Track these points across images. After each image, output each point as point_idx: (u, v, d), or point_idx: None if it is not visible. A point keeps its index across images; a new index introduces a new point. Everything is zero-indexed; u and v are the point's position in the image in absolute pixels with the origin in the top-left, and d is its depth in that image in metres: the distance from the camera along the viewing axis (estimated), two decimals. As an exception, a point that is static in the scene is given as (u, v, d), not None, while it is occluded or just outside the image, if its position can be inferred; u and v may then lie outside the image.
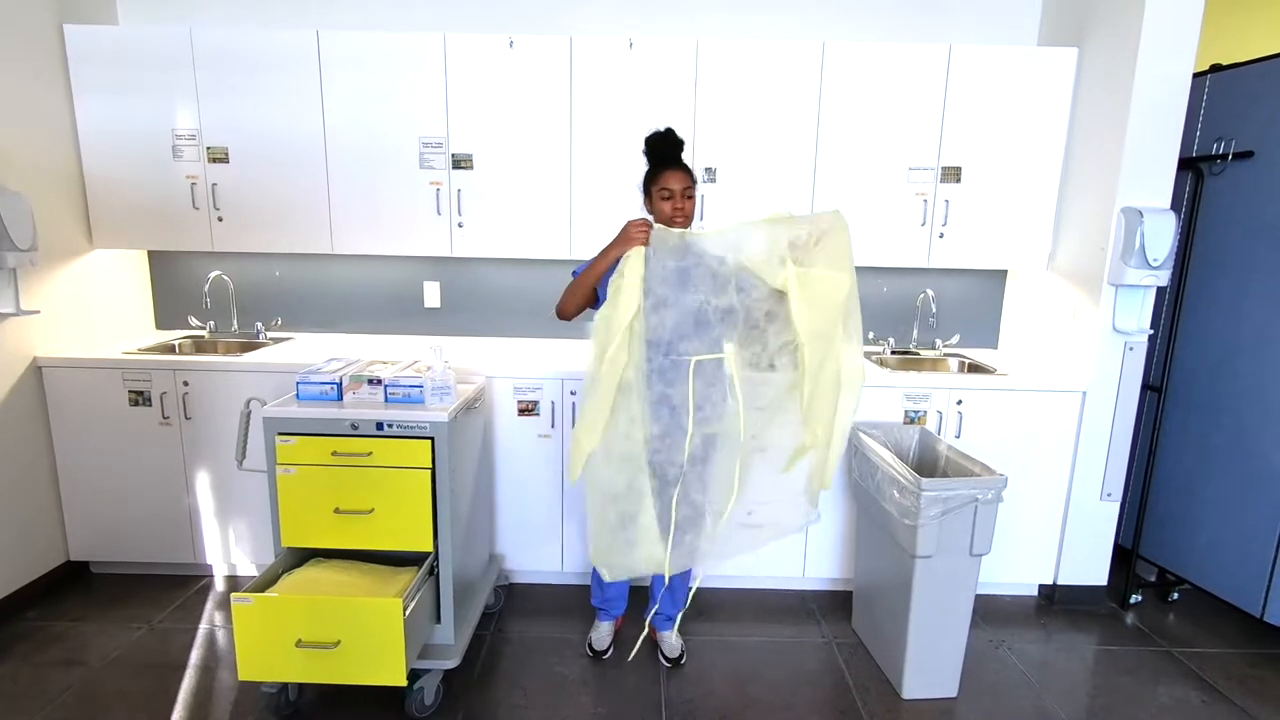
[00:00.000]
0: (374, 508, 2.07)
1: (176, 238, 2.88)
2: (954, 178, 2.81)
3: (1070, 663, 2.48)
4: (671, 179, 2.05)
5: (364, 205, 2.84)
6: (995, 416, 2.67)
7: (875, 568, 2.44)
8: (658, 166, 2.08)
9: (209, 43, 2.71)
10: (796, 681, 2.33)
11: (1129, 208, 2.51)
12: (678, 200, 2.04)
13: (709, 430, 2.00)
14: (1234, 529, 2.62)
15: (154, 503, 2.73)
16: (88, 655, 2.36)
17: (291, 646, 1.85)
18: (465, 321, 3.26)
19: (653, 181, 2.08)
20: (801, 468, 2.03)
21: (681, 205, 2.05)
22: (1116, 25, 2.54)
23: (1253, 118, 2.54)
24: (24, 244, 2.44)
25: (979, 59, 2.72)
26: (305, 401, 2.14)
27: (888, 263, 2.90)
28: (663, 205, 2.06)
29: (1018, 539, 2.74)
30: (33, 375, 2.62)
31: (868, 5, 3.03)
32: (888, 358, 3.10)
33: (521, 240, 2.87)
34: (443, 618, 2.17)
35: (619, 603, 2.47)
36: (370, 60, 2.73)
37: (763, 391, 2.00)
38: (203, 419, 2.68)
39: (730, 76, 2.74)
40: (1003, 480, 2.12)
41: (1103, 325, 2.62)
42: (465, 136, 2.78)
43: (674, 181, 2.04)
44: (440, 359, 2.17)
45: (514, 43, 2.71)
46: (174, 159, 2.80)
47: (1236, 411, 2.61)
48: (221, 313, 3.17)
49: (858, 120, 2.78)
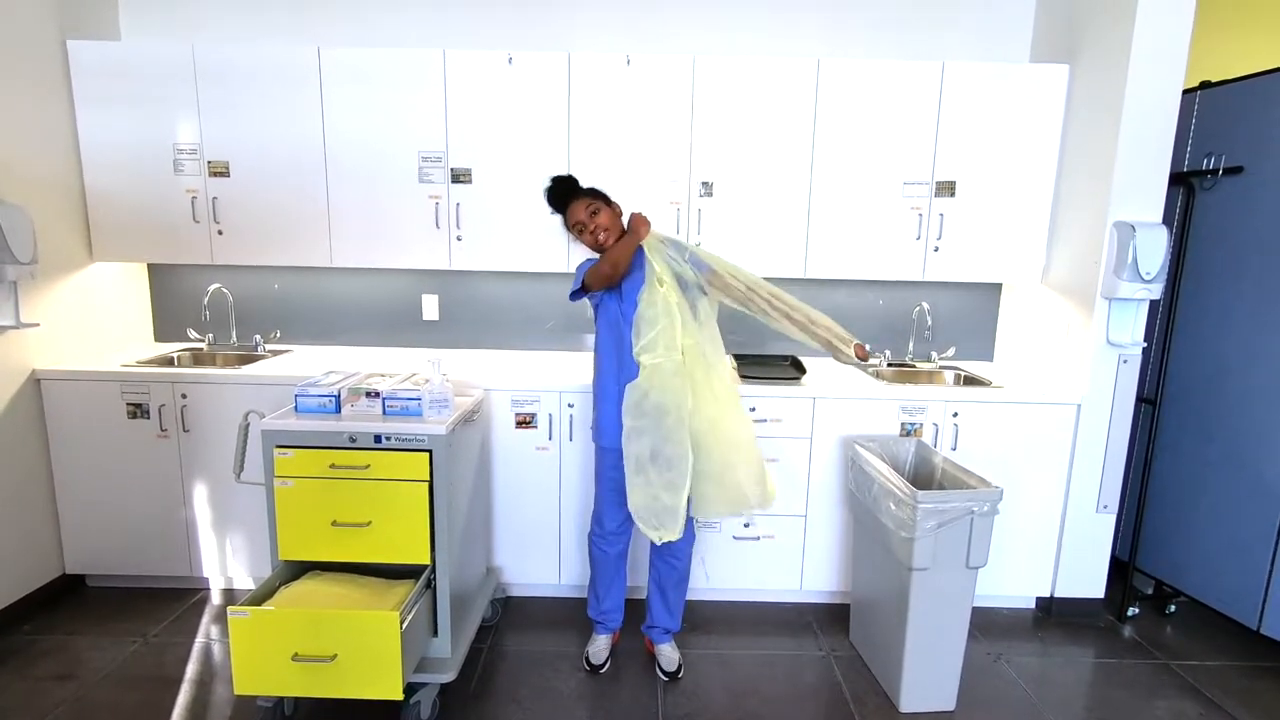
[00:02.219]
0: (371, 520, 2.07)
1: (176, 251, 2.89)
2: (948, 192, 2.84)
3: (1067, 675, 2.48)
4: (572, 211, 2.23)
5: (363, 219, 2.86)
6: (991, 429, 2.68)
7: (872, 580, 2.45)
8: (560, 211, 2.27)
9: (210, 58, 2.74)
10: (794, 695, 2.32)
11: (1121, 222, 2.54)
12: (589, 225, 2.21)
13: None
14: (1229, 541, 2.63)
15: (151, 515, 2.73)
16: (82, 669, 2.35)
17: (288, 660, 1.84)
18: (463, 334, 3.27)
19: (567, 225, 2.27)
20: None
21: (595, 227, 2.20)
22: (1107, 42, 2.58)
23: (1242, 133, 2.57)
24: (24, 257, 2.45)
25: (972, 76, 2.76)
26: (303, 414, 2.14)
27: (883, 276, 2.93)
28: (583, 238, 2.24)
29: (1014, 551, 2.74)
30: (31, 387, 2.62)
31: (862, 23, 3.07)
32: (884, 370, 3.11)
33: (519, 254, 2.89)
34: (440, 631, 2.17)
35: (615, 615, 2.46)
36: (370, 76, 2.76)
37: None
38: (201, 431, 2.68)
39: (727, 93, 2.77)
40: (999, 492, 2.13)
41: (1097, 338, 2.64)
42: (464, 151, 2.81)
43: (575, 212, 2.23)
44: (438, 372, 2.18)
45: (513, 59, 2.74)
46: (175, 173, 2.82)
47: (1228, 424, 2.63)
48: (220, 325, 3.18)
49: (852, 136, 2.81)
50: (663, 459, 2.10)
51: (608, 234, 2.20)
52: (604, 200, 2.25)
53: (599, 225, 2.20)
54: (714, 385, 2.19)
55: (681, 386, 2.12)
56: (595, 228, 2.20)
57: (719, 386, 2.21)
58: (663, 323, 2.11)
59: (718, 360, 2.24)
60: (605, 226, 2.20)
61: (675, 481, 2.10)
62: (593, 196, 2.25)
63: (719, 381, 2.21)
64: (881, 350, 3.22)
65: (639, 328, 2.13)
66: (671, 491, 2.10)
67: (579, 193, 2.27)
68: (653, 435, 2.11)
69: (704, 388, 2.17)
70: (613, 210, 2.25)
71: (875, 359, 3.16)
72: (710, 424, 2.16)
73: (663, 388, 2.10)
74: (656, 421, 2.10)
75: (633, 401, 2.12)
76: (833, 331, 2.29)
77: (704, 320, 2.23)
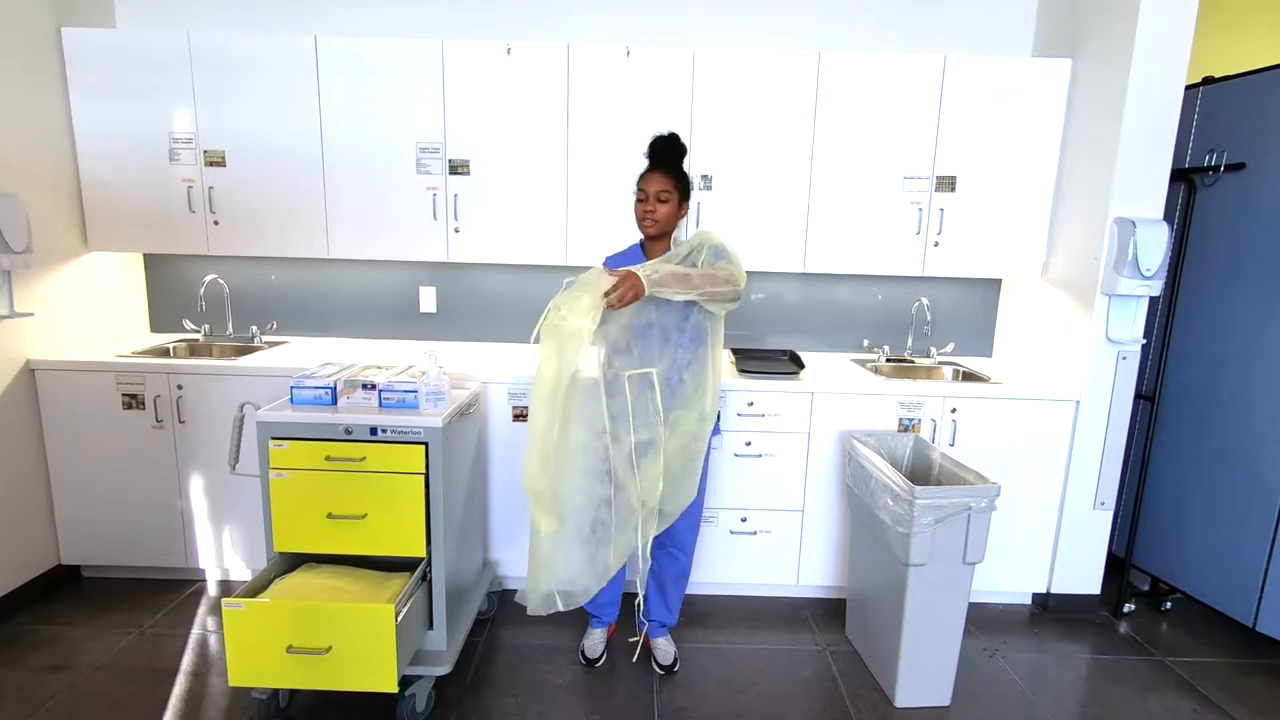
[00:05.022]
0: (367, 513, 2.06)
1: (172, 241, 2.87)
2: (949, 187, 2.83)
3: (1063, 671, 2.49)
4: (648, 180, 2.12)
5: (360, 210, 2.84)
6: (989, 425, 2.68)
7: (869, 576, 2.44)
8: (647, 168, 2.14)
9: (206, 46, 2.72)
10: (789, 690, 2.33)
11: (1122, 218, 2.53)
12: (649, 203, 2.11)
13: (642, 437, 2.16)
14: (1226, 538, 2.63)
15: (147, 506, 2.72)
16: (77, 660, 2.34)
17: (283, 652, 1.84)
18: (460, 326, 3.26)
19: (639, 181, 2.14)
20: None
21: (653, 208, 2.10)
22: (1110, 37, 2.57)
23: (1245, 130, 2.56)
24: (19, 246, 2.43)
25: (974, 69, 2.74)
26: (299, 406, 2.13)
27: (882, 271, 2.92)
28: (636, 205, 2.14)
29: (1011, 547, 2.74)
30: (26, 378, 2.61)
31: (864, 16, 3.05)
32: (882, 366, 3.11)
33: (517, 246, 2.88)
34: (435, 624, 2.16)
35: (611, 609, 2.46)
36: (368, 65, 2.73)
37: (674, 403, 2.17)
38: (196, 423, 2.67)
39: (727, 85, 2.75)
40: (996, 488, 2.12)
41: (1096, 335, 2.63)
42: (462, 142, 2.79)
43: (649, 183, 2.11)
44: (435, 364, 2.17)
45: (511, 49, 2.72)
46: (170, 162, 2.80)
47: (1227, 421, 2.63)
48: (216, 316, 3.16)
49: (853, 129, 2.79)
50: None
51: (655, 226, 2.11)
52: (682, 192, 2.13)
53: (653, 212, 2.10)
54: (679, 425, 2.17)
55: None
56: (651, 211, 2.10)
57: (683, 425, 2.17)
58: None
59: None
60: (658, 219, 2.11)
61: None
62: (678, 179, 2.11)
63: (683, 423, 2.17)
64: (880, 345, 3.22)
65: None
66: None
67: (669, 164, 2.11)
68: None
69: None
70: (679, 210, 2.14)
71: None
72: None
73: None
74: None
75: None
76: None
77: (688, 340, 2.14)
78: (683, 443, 2.17)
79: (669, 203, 2.10)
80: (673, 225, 2.16)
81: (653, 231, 2.14)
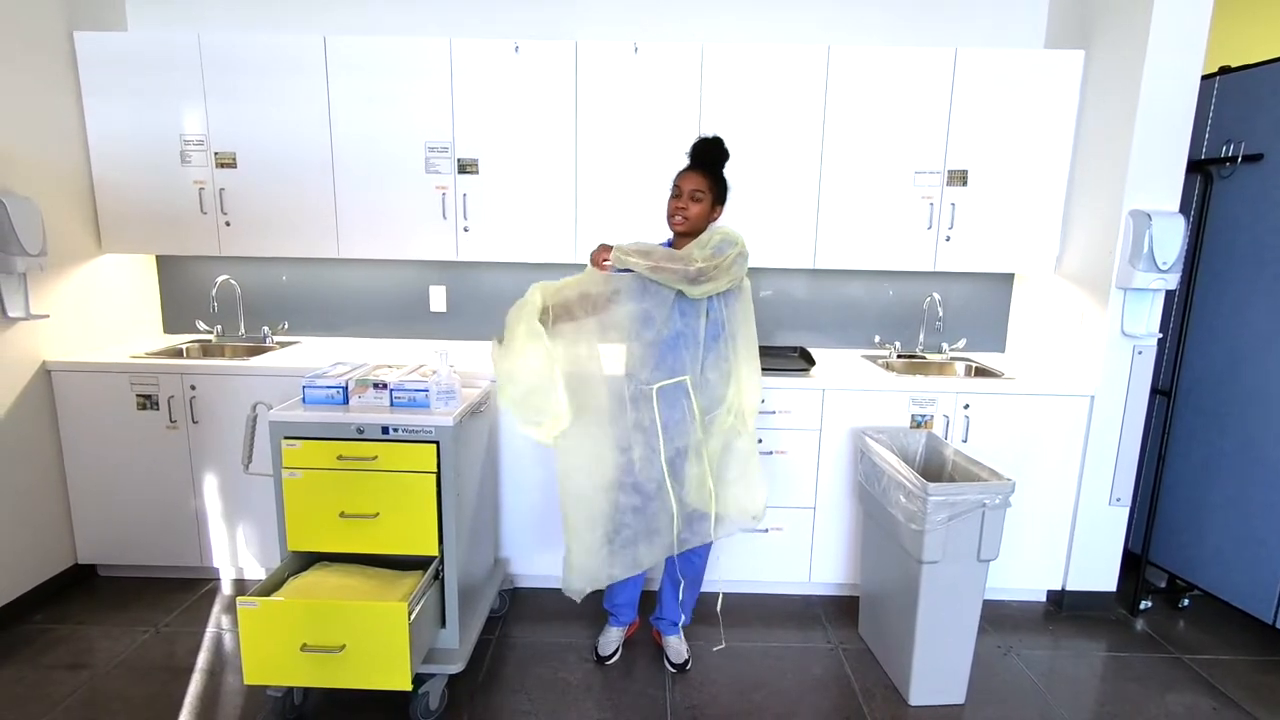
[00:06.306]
0: (379, 512, 2.07)
1: (184, 242, 2.89)
2: (960, 181, 2.80)
3: (1079, 669, 2.46)
4: (685, 178, 2.10)
5: (370, 210, 2.85)
6: (1003, 421, 2.66)
7: (881, 573, 2.43)
8: (686, 166, 2.13)
9: (217, 48, 2.73)
10: (802, 688, 2.32)
11: (1137, 211, 2.50)
12: (682, 200, 2.09)
13: (678, 445, 2.14)
14: (1244, 535, 2.59)
15: (161, 506, 2.74)
16: (94, 659, 2.36)
17: (296, 650, 1.85)
18: (470, 325, 3.26)
19: (676, 177, 2.14)
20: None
21: (685, 205, 2.09)
22: (1124, 27, 2.53)
23: (1262, 120, 2.52)
24: (33, 248, 2.45)
25: (985, 62, 2.72)
26: (311, 405, 2.14)
27: (894, 266, 2.89)
28: (670, 201, 2.12)
29: (1026, 544, 2.72)
30: (42, 379, 2.63)
31: (873, 9, 3.02)
32: (894, 362, 3.09)
33: (527, 244, 2.88)
34: (448, 622, 2.17)
35: (628, 610, 2.45)
36: (376, 65, 2.74)
37: (709, 403, 2.14)
38: (210, 423, 2.69)
39: (735, 81, 2.74)
40: (1010, 485, 2.10)
41: (1111, 329, 2.60)
42: (471, 141, 2.79)
43: (684, 181, 2.10)
44: (445, 363, 2.17)
45: (519, 48, 2.72)
46: (182, 164, 2.81)
47: (1244, 416, 2.59)
48: (228, 317, 3.18)
49: (863, 124, 2.77)
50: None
51: (685, 224, 2.09)
52: (716, 195, 2.10)
53: (690, 214, 2.08)
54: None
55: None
56: (683, 207, 2.08)
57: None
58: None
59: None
60: (689, 216, 2.08)
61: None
62: (714, 181, 2.09)
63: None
64: (892, 341, 3.20)
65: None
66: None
67: (707, 165, 2.10)
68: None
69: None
70: (712, 213, 2.12)
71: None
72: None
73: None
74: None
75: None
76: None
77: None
78: (725, 439, 2.15)
79: (702, 203, 2.08)
80: (703, 226, 2.12)
81: (682, 228, 2.11)
